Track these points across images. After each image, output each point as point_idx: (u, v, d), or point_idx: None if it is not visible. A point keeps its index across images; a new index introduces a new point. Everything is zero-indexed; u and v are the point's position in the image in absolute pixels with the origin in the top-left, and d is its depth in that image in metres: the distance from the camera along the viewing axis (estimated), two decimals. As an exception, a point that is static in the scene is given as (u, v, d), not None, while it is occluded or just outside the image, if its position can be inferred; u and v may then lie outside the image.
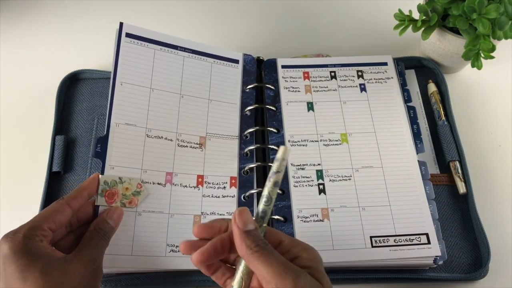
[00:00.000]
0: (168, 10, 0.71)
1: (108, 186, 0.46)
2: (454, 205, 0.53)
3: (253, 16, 0.71)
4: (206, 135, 0.52)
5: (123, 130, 0.49)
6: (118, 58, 0.51)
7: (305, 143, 0.53)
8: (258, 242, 0.32)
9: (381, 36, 0.67)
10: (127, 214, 0.46)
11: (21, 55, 0.66)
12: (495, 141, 0.58)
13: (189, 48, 0.55)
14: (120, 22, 0.52)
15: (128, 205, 0.46)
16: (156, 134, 0.50)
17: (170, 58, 0.54)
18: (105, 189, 0.46)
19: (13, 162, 0.57)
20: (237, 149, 0.53)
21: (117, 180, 0.46)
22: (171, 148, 0.50)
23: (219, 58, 0.57)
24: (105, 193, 0.45)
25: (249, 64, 0.58)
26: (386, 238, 0.48)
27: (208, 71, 0.55)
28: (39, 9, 0.71)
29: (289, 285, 0.30)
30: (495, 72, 0.63)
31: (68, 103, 0.60)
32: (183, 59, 0.54)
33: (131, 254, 0.45)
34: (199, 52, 0.56)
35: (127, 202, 0.46)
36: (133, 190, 0.47)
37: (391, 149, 0.53)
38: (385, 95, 0.57)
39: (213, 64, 0.56)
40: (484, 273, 0.48)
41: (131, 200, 0.46)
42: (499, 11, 0.50)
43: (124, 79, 0.51)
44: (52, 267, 0.36)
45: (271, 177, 0.35)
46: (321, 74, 0.59)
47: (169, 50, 0.54)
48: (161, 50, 0.53)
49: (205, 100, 0.54)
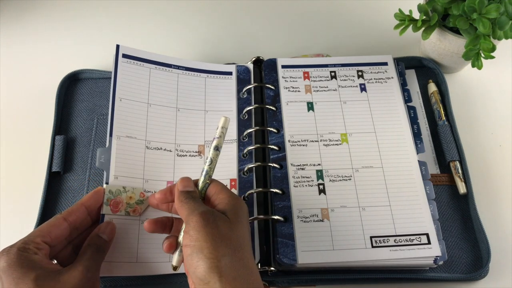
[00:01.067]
0: (167, 9, 0.71)
1: (113, 195, 0.47)
2: (454, 205, 0.53)
3: (253, 16, 0.71)
4: (205, 143, 0.54)
5: (124, 142, 0.50)
6: (116, 76, 0.53)
7: (305, 143, 0.53)
8: (186, 196, 0.41)
9: (381, 36, 0.67)
10: (131, 222, 0.47)
11: (21, 55, 0.66)
12: (495, 141, 0.58)
13: (182, 66, 0.57)
14: (117, 45, 0.55)
15: (132, 214, 0.48)
16: (155, 146, 0.52)
17: (165, 75, 0.56)
18: (110, 198, 0.47)
19: (13, 162, 0.57)
20: (235, 152, 0.53)
21: (121, 190, 0.48)
22: (171, 158, 0.52)
23: (212, 73, 0.58)
24: (110, 202, 0.47)
25: (243, 74, 0.59)
26: (386, 238, 0.47)
27: (202, 85, 0.57)
28: (39, 9, 0.71)
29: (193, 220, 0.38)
30: (495, 72, 0.63)
31: (68, 103, 0.60)
32: (177, 76, 0.57)
33: (136, 261, 0.46)
34: (192, 69, 0.58)
35: (131, 211, 0.48)
36: (136, 199, 0.48)
37: (391, 149, 0.53)
38: (385, 95, 0.57)
39: (206, 78, 0.58)
40: (484, 273, 0.48)
41: (135, 208, 0.48)
42: (499, 11, 0.50)
43: (123, 95, 0.53)
44: (45, 278, 0.37)
45: (213, 141, 0.43)
46: (321, 74, 0.59)
47: (164, 68, 0.56)
48: (156, 69, 0.56)
49: (201, 111, 0.55)
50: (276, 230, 0.48)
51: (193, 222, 0.38)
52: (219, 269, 0.36)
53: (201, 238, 0.37)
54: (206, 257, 0.36)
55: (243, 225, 0.40)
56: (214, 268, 0.36)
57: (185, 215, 0.40)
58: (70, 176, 0.54)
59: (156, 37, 0.68)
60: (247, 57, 0.61)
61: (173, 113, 0.54)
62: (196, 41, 0.68)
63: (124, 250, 0.46)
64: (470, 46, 0.52)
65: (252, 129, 0.54)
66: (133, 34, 0.68)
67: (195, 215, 0.38)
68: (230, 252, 0.37)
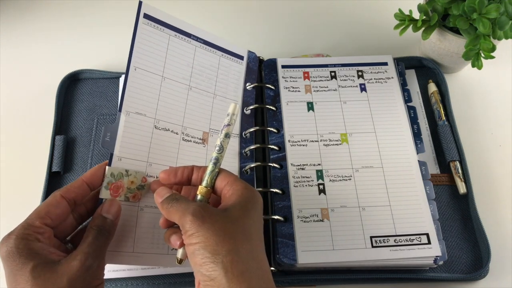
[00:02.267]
0: (167, 10, 0.71)
1: (114, 179, 0.44)
2: (454, 205, 0.53)
3: (253, 16, 0.71)
4: (209, 131, 0.52)
5: (133, 120, 0.47)
6: (134, 40, 0.50)
7: (305, 143, 0.53)
8: (169, 201, 0.39)
9: (381, 36, 0.67)
10: (130, 209, 0.45)
11: (21, 55, 0.66)
12: (495, 141, 0.58)
13: (201, 38, 0.55)
14: (140, 1, 0.51)
15: (132, 200, 0.44)
16: (163, 126, 0.49)
17: (183, 46, 0.53)
18: (111, 182, 0.43)
19: (13, 162, 0.57)
20: (237, 147, 0.53)
21: (123, 173, 0.44)
22: (176, 141, 0.50)
23: (227, 52, 0.57)
24: (111, 185, 0.43)
25: (252, 62, 0.59)
26: (386, 238, 0.47)
27: (216, 64, 0.55)
28: (39, 9, 0.71)
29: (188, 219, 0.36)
30: (495, 72, 0.63)
31: (68, 103, 0.60)
32: (194, 48, 0.54)
33: (133, 251, 0.44)
34: (210, 43, 0.56)
35: (131, 196, 0.44)
36: (137, 184, 0.45)
37: (391, 149, 0.53)
38: (385, 95, 0.57)
39: (221, 57, 0.56)
40: (484, 273, 0.48)
41: (135, 194, 0.45)
42: (499, 11, 0.50)
43: (139, 64, 0.49)
44: (42, 269, 0.35)
45: (223, 129, 0.42)
46: (321, 74, 0.59)
47: (183, 38, 0.53)
48: (175, 37, 0.53)
49: (210, 94, 0.54)
50: (276, 230, 0.48)
51: (188, 222, 0.36)
52: (224, 265, 0.34)
53: (201, 236, 0.36)
54: (210, 254, 0.35)
55: (249, 216, 0.38)
56: (218, 264, 0.34)
57: (178, 218, 0.38)
58: (70, 176, 0.54)
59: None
60: (247, 57, 0.61)
61: (185, 91, 0.52)
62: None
63: (120, 238, 0.43)
64: (470, 46, 0.52)
65: (253, 128, 0.54)
66: (133, 34, 0.68)
67: (188, 214, 0.37)
68: (235, 246, 0.35)
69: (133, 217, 0.45)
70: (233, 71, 0.57)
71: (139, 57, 0.49)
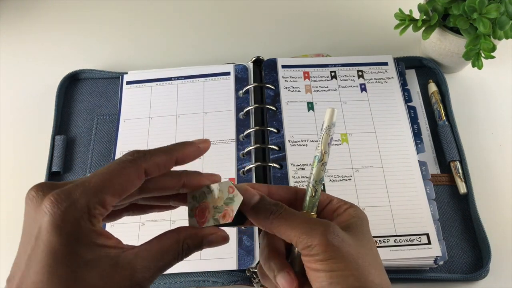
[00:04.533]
0: (168, 10, 0.71)
1: (197, 202, 0.34)
2: (454, 205, 0.53)
3: (253, 16, 0.71)
4: None
5: None
6: (121, 102, 0.58)
7: (305, 143, 0.53)
8: (271, 210, 0.31)
9: (381, 36, 0.67)
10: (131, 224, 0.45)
11: (21, 55, 0.66)
12: (496, 141, 0.58)
13: (182, 76, 0.60)
14: (121, 75, 0.59)
15: (223, 221, 0.32)
16: None
17: (165, 89, 0.59)
18: (194, 207, 0.34)
19: (13, 162, 0.57)
20: (234, 151, 0.53)
21: (205, 191, 0.34)
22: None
23: (211, 76, 0.59)
24: (196, 211, 0.34)
25: (241, 72, 0.59)
26: (387, 238, 0.47)
27: (201, 89, 0.59)
28: (39, 9, 0.71)
29: (317, 240, 0.28)
30: (495, 72, 0.63)
31: (68, 103, 0.60)
32: (176, 86, 0.59)
33: None
34: (191, 76, 0.60)
35: (221, 217, 0.32)
36: (225, 198, 0.33)
37: (392, 149, 0.53)
38: (386, 95, 0.57)
39: (205, 82, 0.59)
40: (484, 273, 0.48)
41: (225, 212, 0.33)
42: (500, 10, 0.50)
43: (127, 116, 0.57)
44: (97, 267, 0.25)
45: (322, 138, 0.35)
46: (321, 74, 0.59)
47: (164, 83, 0.59)
48: (157, 85, 0.59)
49: (200, 114, 0.57)
50: (276, 230, 0.48)
51: (320, 244, 0.28)
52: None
53: (339, 262, 0.28)
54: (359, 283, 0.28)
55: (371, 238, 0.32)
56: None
57: (297, 234, 0.29)
58: (70, 176, 0.54)
59: (156, 38, 0.68)
60: (247, 57, 0.61)
61: (173, 121, 0.56)
62: (197, 41, 0.68)
63: None
64: (470, 46, 0.52)
65: (252, 129, 0.54)
66: (133, 34, 0.68)
67: (317, 234, 0.28)
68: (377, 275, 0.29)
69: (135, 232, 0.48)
70: (221, 87, 0.59)
71: (127, 111, 0.57)
